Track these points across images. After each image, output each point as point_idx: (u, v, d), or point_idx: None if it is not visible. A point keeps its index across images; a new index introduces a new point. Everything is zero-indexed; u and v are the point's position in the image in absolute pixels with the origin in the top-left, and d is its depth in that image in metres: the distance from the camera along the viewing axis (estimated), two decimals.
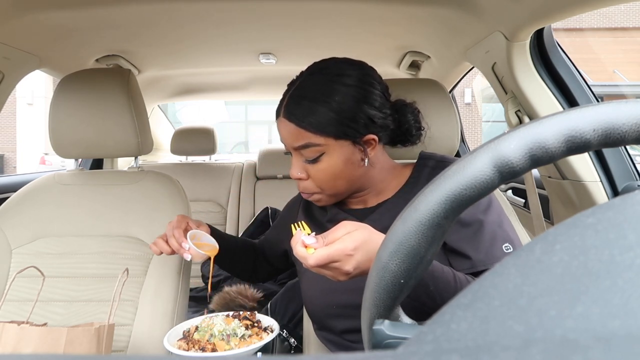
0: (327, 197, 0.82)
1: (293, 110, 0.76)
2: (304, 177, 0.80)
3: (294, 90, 0.78)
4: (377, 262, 0.37)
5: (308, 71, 0.80)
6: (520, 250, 0.21)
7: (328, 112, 0.74)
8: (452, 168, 0.34)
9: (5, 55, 1.13)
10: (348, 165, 0.78)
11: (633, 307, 0.16)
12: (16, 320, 0.82)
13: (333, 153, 0.76)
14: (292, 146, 0.79)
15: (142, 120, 1.14)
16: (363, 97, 0.76)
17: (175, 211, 1.13)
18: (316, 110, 0.74)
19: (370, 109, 0.76)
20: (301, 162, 0.80)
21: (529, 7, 0.92)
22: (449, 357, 0.13)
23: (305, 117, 0.75)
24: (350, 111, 0.75)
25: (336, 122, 0.74)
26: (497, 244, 0.72)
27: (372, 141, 0.78)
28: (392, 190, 0.84)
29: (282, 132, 0.79)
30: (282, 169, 2.38)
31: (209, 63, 1.78)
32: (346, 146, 0.76)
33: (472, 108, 11.48)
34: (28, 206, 1.12)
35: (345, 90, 0.75)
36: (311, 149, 0.76)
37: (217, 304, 1.54)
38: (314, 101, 0.75)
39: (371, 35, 1.39)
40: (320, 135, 0.75)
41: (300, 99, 0.76)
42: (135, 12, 1.17)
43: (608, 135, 0.32)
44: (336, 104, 0.74)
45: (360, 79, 0.77)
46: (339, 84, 0.75)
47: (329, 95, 0.75)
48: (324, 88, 0.75)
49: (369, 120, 0.76)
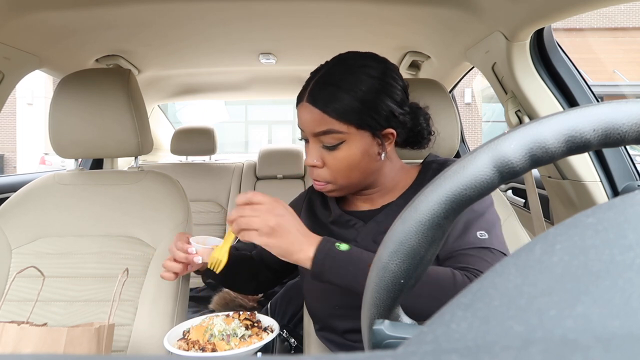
0: (339, 188, 0.82)
1: (318, 95, 0.76)
2: (320, 164, 0.80)
3: (319, 77, 0.78)
4: (377, 262, 0.37)
5: (333, 61, 0.81)
6: (520, 250, 0.21)
7: (353, 100, 0.74)
8: (452, 168, 0.34)
9: (5, 55, 1.13)
10: (365, 157, 0.78)
11: (633, 307, 0.16)
12: (16, 320, 0.82)
13: (353, 142, 0.77)
14: (312, 132, 0.78)
15: (142, 120, 1.14)
16: (386, 90, 0.77)
17: (175, 211, 1.13)
18: (341, 97, 0.75)
19: (392, 102, 0.77)
20: (318, 149, 0.79)
21: (529, 7, 0.92)
22: (449, 357, 0.13)
23: (330, 102, 0.75)
24: (374, 102, 0.76)
25: (360, 111, 0.75)
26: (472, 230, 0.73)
27: (390, 136, 0.79)
28: (399, 191, 0.85)
29: (304, 117, 0.79)
30: (282, 169, 2.38)
31: (209, 63, 1.78)
32: (366, 137, 0.77)
33: (472, 108, 11.48)
34: (28, 206, 1.12)
35: (370, 81, 0.76)
36: (332, 136, 0.76)
37: (217, 304, 1.54)
38: (339, 88, 0.75)
39: (371, 35, 1.39)
40: (343, 122, 0.75)
41: (326, 85, 0.76)
42: (135, 12, 1.17)
43: (608, 135, 0.32)
44: (361, 93, 0.75)
45: (384, 72, 0.78)
46: (364, 75, 0.76)
47: (355, 84, 0.75)
48: (350, 77, 0.76)
49: (390, 114, 0.77)
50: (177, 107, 10.20)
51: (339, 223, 0.86)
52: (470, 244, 0.72)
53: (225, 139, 12.21)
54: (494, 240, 0.73)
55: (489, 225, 0.75)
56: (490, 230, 0.74)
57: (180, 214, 1.13)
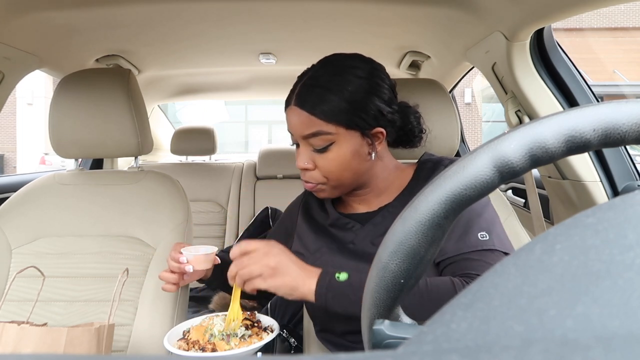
0: (331, 189, 0.82)
1: (305, 97, 0.76)
2: (311, 167, 0.80)
3: (306, 80, 0.78)
4: (377, 262, 0.37)
5: (319, 63, 0.81)
6: (520, 250, 0.21)
7: (340, 101, 0.75)
8: (452, 168, 0.34)
9: (5, 55, 1.13)
10: (355, 157, 0.78)
11: (633, 307, 0.16)
12: (16, 320, 0.82)
13: (342, 143, 0.77)
14: (301, 134, 0.78)
15: (142, 120, 1.13)
16: (374, 90, 0.77)
17: (175, 211, 1.13)
18: (328, 98, 0.75)
19: (380, 102, 0.77)
20: (309, 152, 0.79)
21: (529, 7, 0.92)
22: (449, 357, 0.13)
23: (318, 104, 0.75)
24: (362, 102, 0.76)
25: (347, 112, 0.75)
26: (472, 232, 0.73)
27: (380, 135, 0.79)
28: (395, 192, 0.84)
29: (293, 121, 0.79)
30: (282, 169, 2.38)
31: (209, 63, 1.78)
32: (355, 137, 0.77)
33: (472, 108, 11.48)
34: (28, 206, 1.12)
35: (357, 81, 0.76)
36: (321, 138, 0.76)
37: (217, 304, 1.54)
38: (326, 90, 0.75)
39: (371, 35, 1.39)
40: (331, 123, 0.75)
41: (313, 88, 0.76)
42: (135, 12, 1.17)
43: (608, 135, 0.32)
44: (348, 94, 0.75)
45: (371, 72, 0.79)
46: (351, 75, 0.76)
47: (342, 84, 0.75)
48: (337, 78, 0.76)
49: (379, 113, 0.77)
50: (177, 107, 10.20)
51: (337, 226, 0.86)
52: (472, 246, 0.72)
53: (225, 139, 12.20)
54: (495, 240, 0.73)
55: (488, 225, 0.74)
56: (491, 229, 0.74)
57: (180, 214, 1.13)
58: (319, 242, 0.85)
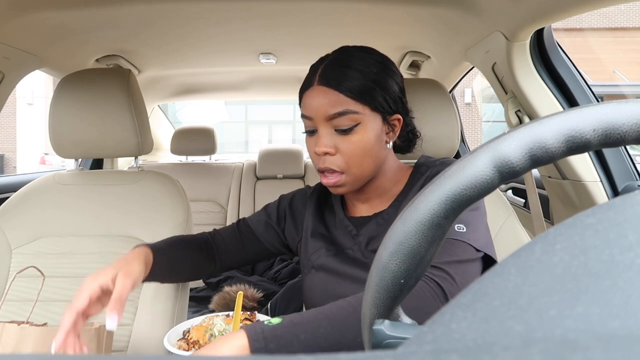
0: (352, 181, 0.78)
1: (332, 76, 0.75)
2: (333, 151, 0.76)
3: (329, 61, 0.78)
4: (377, 262, 0.37)
5: (337, 51, 0.81)
6: (520, 250, 0.21)
7: (367, 81, 0.75)
8: (452, 168, 0.34)
9: (5, 55, 1.13)
10: (377, 143, 0.77)
11: (633, 307, 0.16)
12: (16, 320, 0.82)
13: (367, 124, 0.75)
14: (326, 114, 0.75)
15: (142, 120, 1.13)
16: (392, 75, 0.79)
17: (175, 211, 1.13)
18: (355, 76, 0.74)
19: (398, 88, 0.79)
20: (331, 135, 0.76)
21: (529, 7, 0.92)
22: (449, 357, 0.13)
23: (345, 81, 0.74)
24: (386, 84, 0.76)
25: (374, 91, 0.75)
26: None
27: (396, 122, 0.80)
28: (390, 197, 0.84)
29: (316, 101, 0.76)
30: (282, 168, 2.38)
31: (209, 63, 1.78)
32: (378, 121, 0.77)
33: (472, 108, 11.48)
34: (28, 206, 1.12)
35: (378, 65, 0.77)
36: (348, 117, 0.74)
37: (217, 304, 1.54)
38: (353, 69, 0.75)
39: (371, 35, 1.39)
40: (359, 102, 0.74)
41: (339, 67, 0.76)
42: (135, 12, 1.17)
43: (608, 135, 0.32)
44: (374, 75, 0.75)
45: (386, 60, 0.80)
46: (371, 59, 0.77)
47: (366, 65, 0.76)
48: (360, 61, 0.76)
49: (399, 99, 0.79)
50: (177, 107, 10.21)
51: (340, 229, 0.86)
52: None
53: (225, 139, 12.21)
54: (470, 234, 0.70)
55: (468, 218, 0.72)
56: (469, 222, 0.71)
57: (180, 214, 1.13)
58: (319, 242, 0.85)
